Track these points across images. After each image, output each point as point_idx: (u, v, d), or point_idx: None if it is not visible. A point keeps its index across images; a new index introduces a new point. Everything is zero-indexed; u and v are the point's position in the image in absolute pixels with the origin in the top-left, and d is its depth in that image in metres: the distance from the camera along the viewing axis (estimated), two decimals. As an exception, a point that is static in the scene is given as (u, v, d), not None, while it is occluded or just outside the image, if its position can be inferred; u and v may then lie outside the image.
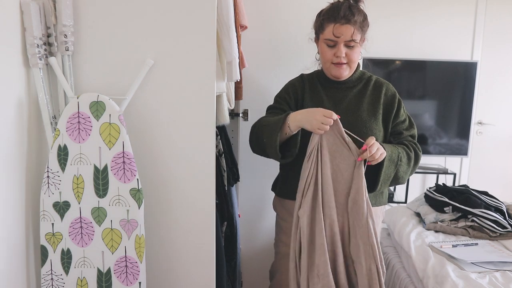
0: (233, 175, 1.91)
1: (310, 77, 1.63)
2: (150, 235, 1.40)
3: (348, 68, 1.52)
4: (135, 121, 1.34)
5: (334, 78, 1.55)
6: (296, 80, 1.64)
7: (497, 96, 2.56)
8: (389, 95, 1.58)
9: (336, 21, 1.44)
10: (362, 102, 1.55)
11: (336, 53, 1.48)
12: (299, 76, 1.66)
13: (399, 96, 1.60)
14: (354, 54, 1.49)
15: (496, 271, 1.62)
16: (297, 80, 1.64)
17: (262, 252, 2.45)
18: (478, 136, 2.59)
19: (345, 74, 1.53)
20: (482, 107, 2.55)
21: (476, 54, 2.49)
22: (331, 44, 1.48)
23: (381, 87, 1.58)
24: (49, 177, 1.27)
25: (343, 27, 1.44)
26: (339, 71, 1.51)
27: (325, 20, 1.48)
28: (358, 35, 1.47)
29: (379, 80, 1.61)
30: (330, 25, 1.46)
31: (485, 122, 2.58)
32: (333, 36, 1.45)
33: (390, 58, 2.41)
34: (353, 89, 1.57)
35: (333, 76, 1.54)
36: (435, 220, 2.05)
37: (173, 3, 1.29)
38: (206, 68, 1.33)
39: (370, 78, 1.61)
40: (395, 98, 1.59)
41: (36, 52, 1.22)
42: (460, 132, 2.46)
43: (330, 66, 1.51)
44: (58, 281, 1.32)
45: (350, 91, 1.57)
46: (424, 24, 2.44)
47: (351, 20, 1.44)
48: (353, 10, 1.46)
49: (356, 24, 1.45)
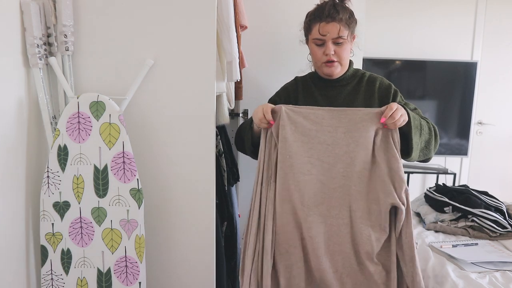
0: (233, 175, 1.90)
1: (304, 79, 1.65)
2: (150, 235, 1.40)
3: (339, 66, 1.53)
4: (135, 121, 1.34)
5: (326, 77, 1.57)
6: (290, 83, 1.67)
7: (497, 96, 2.56)
8: (383, 88, 1.59)
9: (321, 20, 1.47)
10: (357, 99, 1.56)
11: (325, 51, 1.50)
12: (293, 80, 1.68)
13: (395, 87, 1.60)
14: (343, 51, 1.51)
15: (496, 271, 1.61)
16: (291, 84, 1.67)
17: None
18: (478, 136, 2.59)
19: (336, 71, 1.54)
20: (482, 107, 2.56)
21: (476, 54, 2.50)
22: (319, 43, 1.50)
23: (374, 82, 1.59)
24: (49, 177, 1.27)
25: (329, 25, 1.46)
26: (330, 69, 1.53)
27: (312, 21, 1.51)
28: (345, 32, 1.49)
29: (372, 76, 1.62)
30: (316, 25, 1.48)
31: (485, 122, 2.58)
32: (320, 35, 1.48)
33: (390, 58, 2.41)
34: (347, 86, 1.59)
35: (325, 75, 1.56)
36: (435, 220, 2.05)
37: (173, 4, 1.29)
38: (206, 68, 1.33)
39: (363, 74, 1.62)
40: (390, 89, 1.59)
41: (36, 52, 1.22)
42: (460, 132, 2.46)
43: (321, 65, 1.53)
44: (58, 281, 1.32)
45: (344, 89, 1.58)
46: (424, 24, 2.44)
47: (336, 17, 1.47)
48: (337, 8, 1.49)
49: (342, 21, 1.48)
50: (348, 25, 1.49)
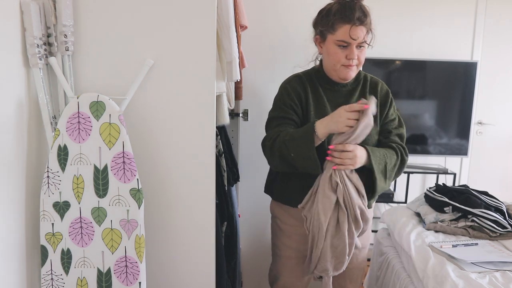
0: (233, 175, 1.91)
1: (309, 78, 1.57)
2: (150, 235, 1.40)
3: (356, 70, 1.50)
4: (135, 121, 1.34)
5: (339, 80, 1.52)
6: (295, 81, 1.57)
7: (497, 96, 2.56)
8: (383, 94, 1.59)
9: (350, 22, 1.40)
10: None
11: (348, 55, 1.43)
12: (296, 77, 1.59)
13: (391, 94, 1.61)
14: (363, 55, 1.48)
15: (496, 271, 1.61)
16: (296, 82, 1.56)
17: (262, 252, 2.45)
18: (478, 136, 2.59)
19: (353, 75, 1.50)
20: (482, 107, 2.55)
21: (476, 54, 2.50)
22: (343, 45, 1.43)
23: (376, 86, 1.59)
24: (49, 177, 1.27)
25: (358, 29, 1.40)
26: (348, 73, 1.47)
27: (338, 20, 1.42)
28: (369, 36, 1.45)
29: (374, 79, 1.62)
30: (343, 26, 1.41)
31: (485, 122, 2.58)
32: (349, 38, 1.41)
33: (390, 58, 2.41)
34: (354, 92, 1.56)
35: (340, 78, 1.50)
36: (435, 220, 2.05)
37: (173, 3, 1.29)
38: (206, 68, 1.33)
39: (365, 77, 1.60)
40: (388, 97, 1.59)
41: (36, 52, 1.22)
42: (460, 132, 2.46)
43: (340, 67, 1.47)
44: (58, 281, 1.32)
45: (351, 95, 1.56)
46: (424, 24, 2.44)
47: (364, 21, 1.41)
48: (364, 10, 1.43)
49: (368, 26, 1.43)
50: (370, 30, 1.46)
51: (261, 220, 2.45)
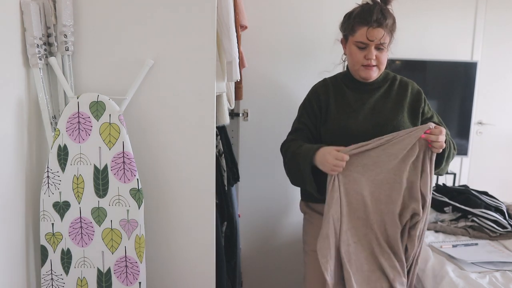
0: (233, 175, 1.91)
1: (335, 80, 1.65)
2: (150, 235, 1.40)
3: (377, 70, 1.55)
4: (135, 121, 1.34)
5: (362, 80, 1.57)
6: (319, 85, 1.65)
7: (497, 96, 2.56)
8: (415, 93, 1.62)
9: (369, 24, 1.46)
10: (388, 102, 1.58)
11: (367, 56, 1.50)
12: (322, 81, 1.67)
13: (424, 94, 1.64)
14: (384, 56, 1.53)
15: (496, 271, 1.61)
16: (320, 86, 1.64)
17: (262, 252, 2.45)
18: (478, 136, 2.59)
19: (374, 75, 1.55)
20: (482, 107, 2.55)
21: (476, 54, 2.49)
22: (362, 46, 1.50)
23: (406, 86, 1.62)
24: (49, 177, 1.27)
25: (375, 30, 1.46)
26: (369, 73, 1.53)
27: (357, 23, 1.49)
28: (388, 38, 1.50)
29: (404, 80, 1.65)
30: (362, 28, 1.48)
31: (485, 122, 2.58)
32: (367, 40, 1.47)
33: (390, 58, 2.40)
34: (379, 89, 1.60)
35: (361, 78, 1.56)
36: (435, 220, 2.05)
37: (173, 3, 1.29)
38: (206, 68, 1.33)
39: (395, 77, 1.64)
40: (420, 95, 1.62)
41: (36, 52, 1.22)
42: (460, 132, 2.46)
43: (359, 68, 1.53)
44: (58, 281, 1.32)
45: (376, 92, 1.59)
46: (424, 24, 2.44)
47: (383, 23, 1.47)
48: (384, 13, 1.48)
49: (387, 28, 1.48)
50: (391, 32, 1.51)
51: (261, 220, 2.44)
